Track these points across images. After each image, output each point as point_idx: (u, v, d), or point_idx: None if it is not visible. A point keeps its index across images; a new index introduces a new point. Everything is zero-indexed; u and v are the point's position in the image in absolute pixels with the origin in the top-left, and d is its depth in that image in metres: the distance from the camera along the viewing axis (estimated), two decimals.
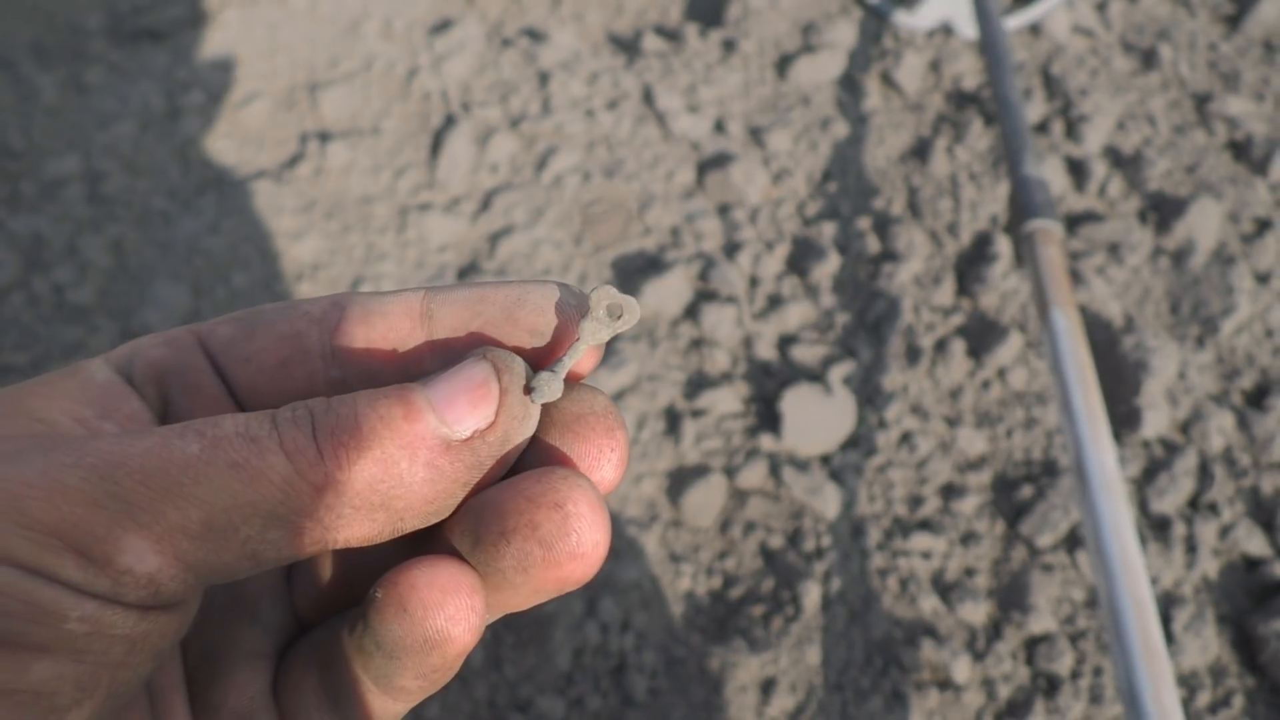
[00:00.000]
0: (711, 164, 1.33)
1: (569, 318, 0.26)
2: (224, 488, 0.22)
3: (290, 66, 1.46)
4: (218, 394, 0.27)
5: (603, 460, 0.25)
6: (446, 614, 0.23)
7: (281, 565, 0.24)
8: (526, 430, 0.25)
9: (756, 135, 1.37)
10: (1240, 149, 1.32)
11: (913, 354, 1.15)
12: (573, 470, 0.24)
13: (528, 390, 0.25)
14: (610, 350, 1.13)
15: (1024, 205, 1.00)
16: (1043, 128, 1.36)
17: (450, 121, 1.38)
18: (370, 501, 0.23)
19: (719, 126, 1.38)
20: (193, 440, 0.22)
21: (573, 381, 0.26)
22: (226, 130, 1.40)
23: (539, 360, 0.26)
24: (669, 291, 1.19)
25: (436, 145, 1.36)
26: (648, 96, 1.41)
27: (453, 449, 0.23)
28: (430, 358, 0.27)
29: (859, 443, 1.08)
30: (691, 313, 1.19)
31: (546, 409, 0.26)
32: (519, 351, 0.26)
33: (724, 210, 1.30)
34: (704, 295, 1.20)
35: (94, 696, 0.22)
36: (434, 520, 0.24)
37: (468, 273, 1.24)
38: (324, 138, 1.37)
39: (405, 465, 0.23)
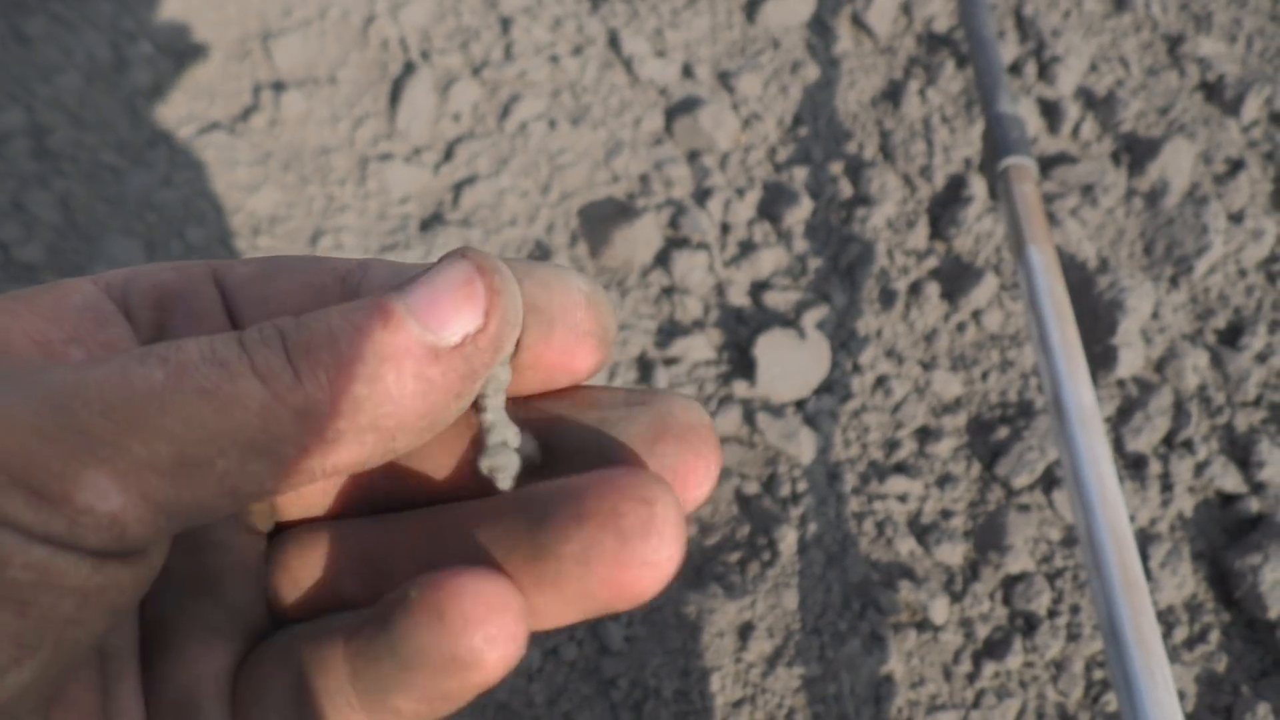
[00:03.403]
0: (680, 109, 1.29)
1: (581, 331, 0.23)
2: (194, 418, 0.19)
3: (241, 15, 1.41)
4: (223, 328, 0.24)
5: (695, 480, 0.23)
6: (486, 632, 0.20)
7: (269, 498, 0.21)
8: (515, 334, 0.22)
9: (725, 80, 1.33)
10: (1212, 90, 1.30)
11: (887, 298, 1.13)
12: (664, 480, 0.22)
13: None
14: None
15: (999, 142, 0.98)
16: (1015, 69, 1.34)
17: (410, 69, 1.34)
18: (358, 423, 0.20)
19: (687, 71, 1.35)
20: (155, 366, 0.19)
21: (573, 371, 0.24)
22: (176, 82, 1.35)
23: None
24: (639, 239, 1.16)
25: (396, 94, 1.31)
26: (613, 41, 1.37)
27: (443, 357, 0.20)
28: None
29: (833, 387, 1.07)
30: (662, 260, 1.16)
31: (640, 414, 0.23)
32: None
33: (693, 156, 1.27)
34: (674, 243, 1.18)
35: (36, 657, 0.19)
36: (429, 437, 0.21)
37: (431, 224, 1.21)
38: (278, 88, 1.32)
39: (392, 380, 0.20)
